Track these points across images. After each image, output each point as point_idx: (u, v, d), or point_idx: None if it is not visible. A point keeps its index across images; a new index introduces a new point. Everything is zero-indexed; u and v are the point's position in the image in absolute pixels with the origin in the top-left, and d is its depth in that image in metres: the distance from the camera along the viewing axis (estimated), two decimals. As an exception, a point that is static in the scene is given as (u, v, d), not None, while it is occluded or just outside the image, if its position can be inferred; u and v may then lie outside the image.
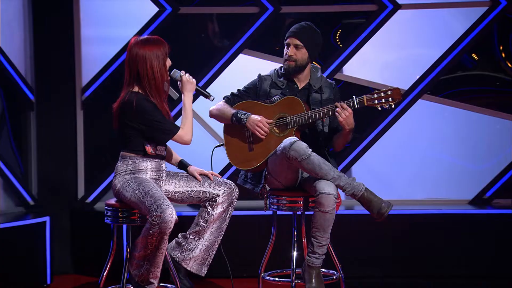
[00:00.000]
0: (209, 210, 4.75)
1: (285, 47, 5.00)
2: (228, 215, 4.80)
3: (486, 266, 6.30)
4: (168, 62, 4.68)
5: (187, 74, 4.75)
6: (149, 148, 4.64)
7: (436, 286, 6.17)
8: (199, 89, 4.83)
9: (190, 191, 4.77)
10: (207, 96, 4.85)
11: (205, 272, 4.84)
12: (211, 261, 4.83)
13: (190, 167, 4.86)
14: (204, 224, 4.75)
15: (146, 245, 4.47)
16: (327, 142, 5.01)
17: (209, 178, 4.81)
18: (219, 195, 4.76)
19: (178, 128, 4.62)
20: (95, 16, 6.67)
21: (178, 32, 6.73)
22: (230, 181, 4.84)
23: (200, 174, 4.82)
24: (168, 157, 4.87)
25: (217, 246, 4.82)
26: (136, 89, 4.63)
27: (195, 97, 6.47)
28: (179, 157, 4.92)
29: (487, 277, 6.28)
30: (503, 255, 6.29)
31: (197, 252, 4.78)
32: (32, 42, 6.56)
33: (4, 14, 6.38)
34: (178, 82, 4.79)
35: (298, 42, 4.95)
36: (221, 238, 4.82)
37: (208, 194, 4.76)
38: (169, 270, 4.70)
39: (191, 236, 4.78)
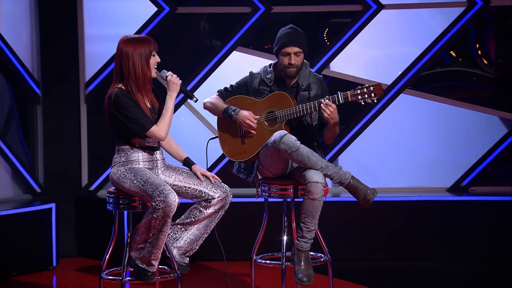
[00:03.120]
0: (201, 209, 4.67)
1: (282, 55, 4.86)
2: (218, 216, 4.72)
3: (463, 249, 6.33)
4: (156, 60, 4.58)
5: (174, 76, 4.64)
6: (136, 140, 4.59)
7: (417, 268, 6.18)
8: (184, 89, 4.73)
9: (188, 187, 4.69)
10: (191, 97, 4.75)
11: (187, 261, 4.78)
12: (192, 253, 4.77)
13: (194, 166, 4.73)
14: (193, 220, 4.68)
15: (149, 228, 4.43)
16: (316, 134, 4.99)
17: (210, 180, 4.72)
18: (214, 198, 4.68)
19: (152, 124, 4.54)
20: (97, 15, 6.64)
21: (175, 30, 6.70)
22: (227, 186, 4.72)
23: (202, 175, 4.71)
24: (173, 153, 4.80)
25: (201, 242, 4.71)
26: (120, 85, 4.57)
27: (193, 91, 6.49)
28: (184, 154, 4.79)
29: (464, 259, 6.30)
30: (478, 239, 6.31)
31: (181, 243, 4.71)
32: (38, 40, 6.54)
33: (12, 13, 6.36)
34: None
35: (297, 49, 4.86)
36: (206, 235, 4.71)
37: (204, 194, 4.68)
38: (167, 254, 4.67)
39: (178, 226, 4.72)
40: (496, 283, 5.84)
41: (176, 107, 6.44)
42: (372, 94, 4.75)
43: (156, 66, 4.58)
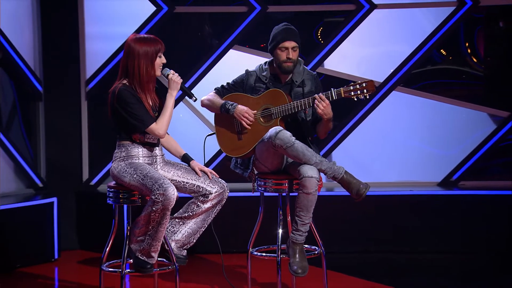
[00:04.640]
0: (198, 203, 4.67)
1: (279, 50, 4.86)
2: (215, 211, 4.71)
3: (453, 241, 6.34)
4: (162, 60, 4.58)
5: (175, 74, 4.63)
6: (136, 136, 4.59)
7: (408, 260, 6.19)
8: (184, 89, 4.72)
9: (186, 182, 4.69)
10: (190, 96, 4.74)
11: (185, 254, 4.78)
12: (189, 246, 4.77)
13: (192, 161, 4.72)
14: (191, 214, 4.68)
15: (148, 221, 4.43)
16: (310, 130, 5.00)
17: (208, 176, 4.71)
18: (212, 193, 4.67)
19: (152, 121, 4.54)
20: (98, 14, 6.64)
21: (173, 29, 6.70)
22: (224, 182, 4.72)
23: (200, 170, 4.70)
24: (172, 150, 4.79)
25: (199, 235, 4.72)
26: (125, 81, 4.57)
27: (191, 89, 6.49)
28: (183, 150, 4.78)
29: (454, 251, 6.31)
30: (468, 231, 6.33)
31: (179, 236, 4.70)
32: (40, 38, 6.53)
33: (14, 12, 6.35)
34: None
35: (294, 44, 4.87)
36: (203, 229, 4.71)
37: (201, 189, 4.67)
38: (166, 247, 4.67)
39: (176, 220, 4.72)
40: (486, 275, 5.85)
41: (175, 104, 6.43)
42: (365, 91, 4.77)
43: (161, 67, 4.58)
